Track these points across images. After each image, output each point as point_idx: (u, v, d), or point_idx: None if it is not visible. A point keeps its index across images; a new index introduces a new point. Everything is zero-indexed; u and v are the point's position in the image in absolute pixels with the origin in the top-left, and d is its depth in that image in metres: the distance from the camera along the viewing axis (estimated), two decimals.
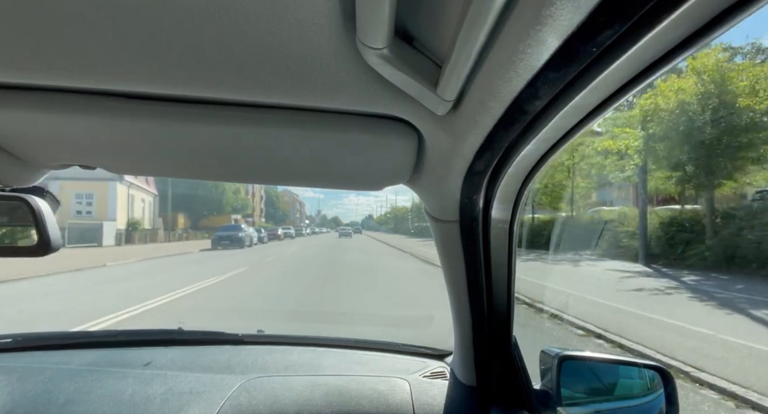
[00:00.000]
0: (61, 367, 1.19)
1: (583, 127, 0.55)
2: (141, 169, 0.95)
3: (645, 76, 0.41)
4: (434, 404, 1.06)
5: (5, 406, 1.01)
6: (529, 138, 0.56)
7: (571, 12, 0.33)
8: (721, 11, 0.32)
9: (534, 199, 17.74)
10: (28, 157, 0.77)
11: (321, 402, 1.05)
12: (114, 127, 0.65)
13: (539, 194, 17.93)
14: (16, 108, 0.61)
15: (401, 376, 1.16)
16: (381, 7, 0.38)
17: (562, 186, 18.06)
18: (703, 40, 0.35)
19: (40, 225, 0.78)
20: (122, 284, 9.71)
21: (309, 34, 0.47)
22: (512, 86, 0.45)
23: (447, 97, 0.51)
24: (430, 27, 0.46)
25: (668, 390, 0.97)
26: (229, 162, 0.80)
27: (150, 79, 0.55)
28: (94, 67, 0.53)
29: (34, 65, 0.52)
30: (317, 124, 0.65)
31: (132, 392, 1.07)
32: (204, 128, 0.65)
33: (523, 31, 0.36)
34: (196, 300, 7.46)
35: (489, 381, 1.01)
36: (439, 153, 0.68)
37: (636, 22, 0.33)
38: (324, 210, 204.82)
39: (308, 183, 0.93)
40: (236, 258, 16.43)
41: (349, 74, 0.53)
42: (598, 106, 0.49)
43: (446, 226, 0.86)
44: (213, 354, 1.30)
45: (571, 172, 17.50)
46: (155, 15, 0.45)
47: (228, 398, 1.05)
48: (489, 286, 0.93)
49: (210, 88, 0.57)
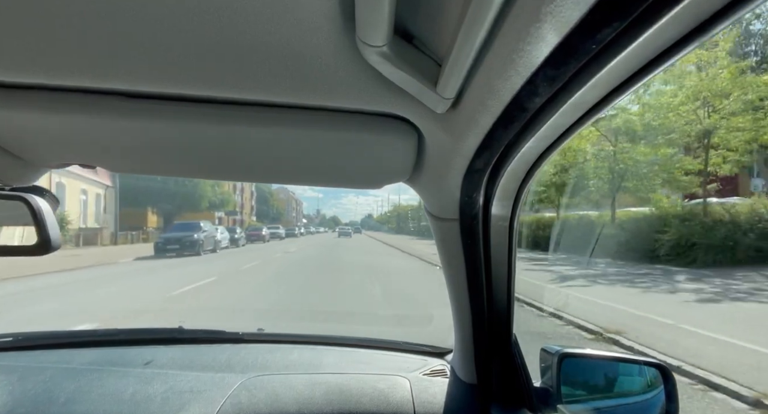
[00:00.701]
0: (61, 366, 1.19)
1: (583, 125, 0.55)
2: (141, 168, 0.95)
3: (644, 73, 0.41)
4: (435, 402, 1.06)
5: (6, 406, 1.01)
6: (528, 136, 0.56)
7: (570, 9, 0.33)
8: (720, 8, 0.32)
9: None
10: (28, 157, 0.77)
11: (321, 400, 1.06)
12: (114, 126, 0.65)
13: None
14: (16, 107, 0.61)
15: (401, 374, 1.16)
16: (381, 5, 0.38)
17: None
18: (702, 37, 0.35)
19: (40, 224, 0.78)
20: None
21: (309, 33, 0.47)
22: (512, 84, 0.45)
23: (447, 95, 0.51)
24: (429, 25, 0.46)
25: (668, 387, 0.97)
26: (229, 160, 0.80)
27: (150, 78, 0.55)
28: (95, 66, 0.53)
29: (35, 64, 0.52)
30: (317, 122, 0.65)
31: (133, 391, 1.07)
32: (204, 127, 0.65)
33: (523, 29, 0.36)
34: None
35: (489, 379, 1.01)
36: (438, 151, 0.68)
37: (635, 19, 0.33)
38: (323, 209, 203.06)
39: (308, 181, 0.93)
40: (147, 280, 10.68)
41: (349, 73, 0.53)
42: (597, 103, 0.49)
43: (446, 224, 0.86)
44: (213, 353, 1.30)
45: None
46: (155, 14, 0.45)
47: (228, 397, 1.05)
48: (489, 284, 0.93)
49: (210, 87, 0.57)
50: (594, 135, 14.82)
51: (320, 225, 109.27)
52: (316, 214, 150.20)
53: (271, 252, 19.80)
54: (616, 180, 14.91)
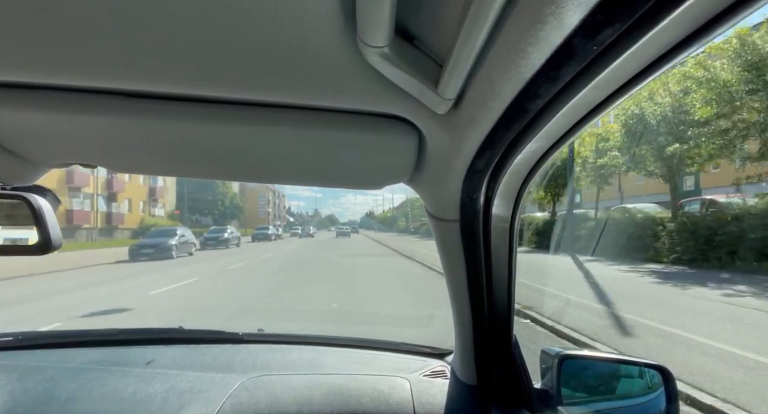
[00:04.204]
0: (62, 366, 1.20)
1: (584, 126, 0.55)
2: (142, 168, 0.95)
3: (645, 74, 0.41)
4: (435, 403, 1.06)
5: (6, 405, 1.01)
6: (529, 136, 0.56)
7: (571, 10, 0.33)
8: (722, 10, 0.32)
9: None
10: (29, 156, 0.77)
11: (321, 401, 1.05)
12: (115, 126, 0.65)
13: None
14: (18, 106, 0.61)
15: (402, 375, 1.16)
16: (381, 5, 0.38)
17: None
18: (704, 39, 0.35)
19: (41, 223, 0.78)
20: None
21: (309, 33, 0.47)
22: (513, 85, 0.45)
23: (448, 95, 0.51)
24: (430, 25, 0.46)
25: (669, 389, 0.97)
26: (229, 160, 0.80)
27: (151, 77, 0.55)
28: (96, 65, 0.53)
29: (36, 64, 0.52)
30: (317, 122, 0.65)
31: (133, 391, 1.07)
32: (205, 127, 0.65)
33: (524, 30, 0.36)
34: None
35: (489, 380, 1.01)
36: (439, 152, 0.68)
37: (637, 21, 0.33)
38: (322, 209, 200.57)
39: (308, 182, 0.93)
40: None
41: (350, 73, 0.53)
42: (599, 104, 0.49)
43: (447, 224, 0.86)
44: (214, 353, 1.30)
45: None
46: (157, 13, 0.45)
47: (228, 397, 1.05)
48: (489, 285, 0.93)
49: (211, 87, 0.57)
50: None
51: (316, 225, 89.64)
52: (313, 213, 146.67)
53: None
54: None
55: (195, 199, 43.19)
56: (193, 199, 42.88)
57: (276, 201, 77.43)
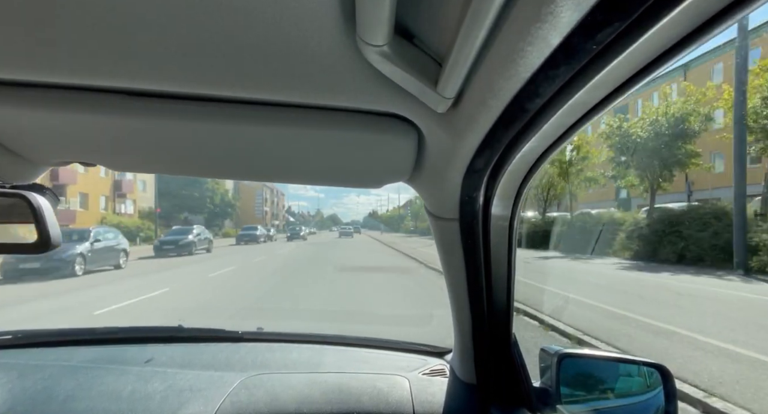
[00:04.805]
0: (61, 364, 1.19)
1: (583, 125, 0.55)
2: (141, 167, 0.95)
3: (645, 73, 0.41)
4: (434, 402, 1.06)
5: (5, 403, 1.01)
6: (529, 135, 0.56)
7: (571, 9, 0.33)
8: (720, 9, 0.32)
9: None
10: (28, 154, 0.77)
11: (321, 399, 1.06)
12: (115, 124, 0.65)
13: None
14: (17, 105, 0.61)
15: (401, 374, 1.16)
16: (381, 4, 0.38)
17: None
18: (703, 38, 0.35)
19: (40, 222, 0.78)
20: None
21: (309, 32, 0.47)
22: (512, 84, 0.45)
23: (447, 94, 0.51)
24: (430, 24, 0.46)
25: (667, 387, 0.97)
26: (229, 159, 0.80)
27: (151, 76, 0.55)
28: (96, 64, 0.53)
29: (36, 62, 0.52)
30: (317, 121, 0.65)
31: (132, 389, 1.07)
32: (205, 126, 0.65)
33: (524, 29, 0.36)
34: None
35: (489, 378, 1.01)
36: (439, 150, 0.68)
37: (636, 20, 0.33)
38: (324, 209, 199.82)
39: (308, 180, 0.93)
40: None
41: (350, 72, 0.53)
42: (598, 103, 0.49)
43: (446, 223, 0.86)
44: (213, 351, 1.30)
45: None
46: (157, 12, 0.45)
47: (228, 395, 1.05)
48: (489, 284, 0.93)
49: (211, 86, 0.57)
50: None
51: (317, 225, 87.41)
52: (315, 213, 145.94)
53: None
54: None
55: (181, 196, 37.74)
56: (178, 196, 37.42)
57: (275, 200, 72.82)
